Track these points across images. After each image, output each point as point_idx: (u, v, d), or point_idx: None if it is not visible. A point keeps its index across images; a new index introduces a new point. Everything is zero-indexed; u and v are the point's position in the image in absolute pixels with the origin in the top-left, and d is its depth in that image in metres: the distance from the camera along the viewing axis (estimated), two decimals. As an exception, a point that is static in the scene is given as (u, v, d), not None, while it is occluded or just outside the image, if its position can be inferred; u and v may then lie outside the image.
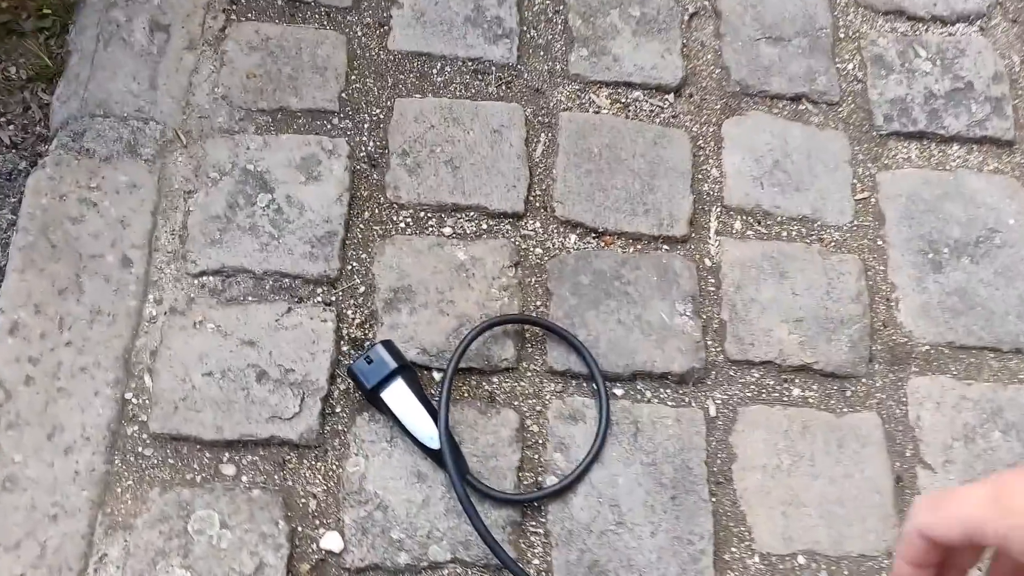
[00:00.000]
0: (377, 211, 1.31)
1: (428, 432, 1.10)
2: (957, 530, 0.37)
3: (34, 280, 1.15)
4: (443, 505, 1.12)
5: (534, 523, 1.14)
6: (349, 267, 1.26)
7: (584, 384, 1.24)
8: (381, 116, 1.38)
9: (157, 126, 1.29)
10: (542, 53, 1.49)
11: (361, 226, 1.29)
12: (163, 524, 1.05)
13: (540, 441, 1.20)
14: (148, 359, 1.16)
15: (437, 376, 1.20)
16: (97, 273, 1.17)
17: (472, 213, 1.32)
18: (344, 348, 1.20)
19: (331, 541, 1.09)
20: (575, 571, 1.12)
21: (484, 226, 1.32)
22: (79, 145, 1.26)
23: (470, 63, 1.45)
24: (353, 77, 1.41)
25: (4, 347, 1.11)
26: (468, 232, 1.31)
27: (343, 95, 1.38)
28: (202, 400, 1.12)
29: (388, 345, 1.13)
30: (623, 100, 1.47)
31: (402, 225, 1.30)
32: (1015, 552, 0.35)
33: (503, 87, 1.44)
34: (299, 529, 1.10)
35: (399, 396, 1.11)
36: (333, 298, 1.24)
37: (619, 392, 1.25)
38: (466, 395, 1.19)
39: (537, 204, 1.35)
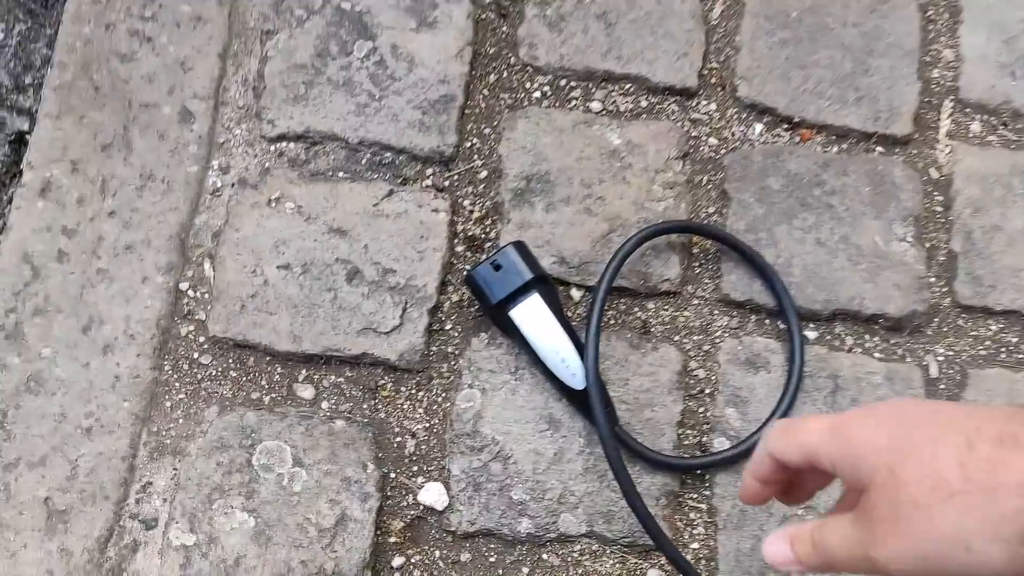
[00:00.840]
0: (506, 74, 1.09)
1: (569, 366, 0.90)
2: (798, 454, 0.48)
3: (72, 130, 0.97)
4: (581, 463, 0.93)
5: (695, 496, 0.95)
6: (469, 144, 1.05)
7: (768, 321, 1.02)
8: (516, -49, 1.14)
9: (231, -56, 1.08)
10: None
11: (485, 92, 1.07)
12: (222, 453, 0.88)
13: (708, 391, 0.99)
14: (210, 242, 0.97)
15: (576, 295, 0.99)
16: (150, 127, 0.98)
17: (629, 85, 1.09)
18: (458, 249, 1.00)
19: (433, 495, 0.91)
20: (747, 564, 0.92)
21: (644, 103, 1.09)
22: (133, -39, 1.06)
23: None
24: (482, -101, 1.17)
25: (33, 212, 0.94)
26: (623, 109, 1.08)
27: (468, -79, 1.15)
28: (276, 300, 0.93)
29: (521, 248, 0.92)
30: (833, -48, 1.20)
31: (537, 95, 1.08)
32: (842, 475, 0.46)
33: (675, -75, 1.18)
34: (392, 476, 0.92)
35: (533, 316, 0.90)
36: (447, 183, 1.03)
37: (811, 335, 1.02)
38: (613, 323, 0.99)
39: (714, 80, 1.11)
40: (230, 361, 0.95)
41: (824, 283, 1.04)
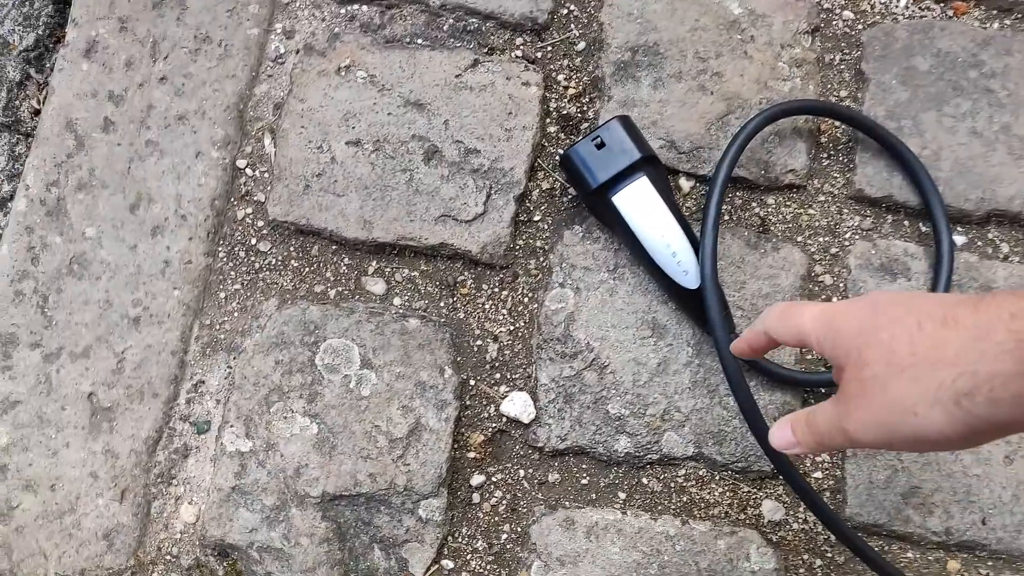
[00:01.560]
0: (610, -68, 0.90)
1: (681, 262, 0.73)
2: (792, 336, 0.54)
3: None
4: (689, 375, 0.77)
5: (821, 418, 0.77)
6: (565, 10, 0.87)
7: (908, 222, 0.83)
8: None
9: None
10: None
11: (585, -49, 0.89)
12: (282, 351, 0.74)
13: (835, 298, 0.82)
14: (271, 114, 0.82)
15: (686, 184, 0.82)
16: None
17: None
18: (550, 129, 0.83)
19: (517, 406, 0.76)
20: (880, 497, 0.76)
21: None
22: None
23: None
24: None
25: (77, 74, 0.80)
26: (745, -27, 0.89)
27: None
28: (344, 180, 0.78)
29: (627, 124, 0.76)
30: None
31: (646, -44, 0.89)
32: (827, 358, 0.51)
33: None
34: (472, 383, 0.77)
35: (639, 202, 0.74)
36: (539, 54, 0.86)
37: (960, 240, 0.84)
38: (727, 219, 0.81)
39: (852, -57, 0.91)
40: (292, 249, 0.81)
41: (978, 180, 0.85)
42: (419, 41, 0.86)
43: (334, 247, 0.82)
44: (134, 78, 0.82)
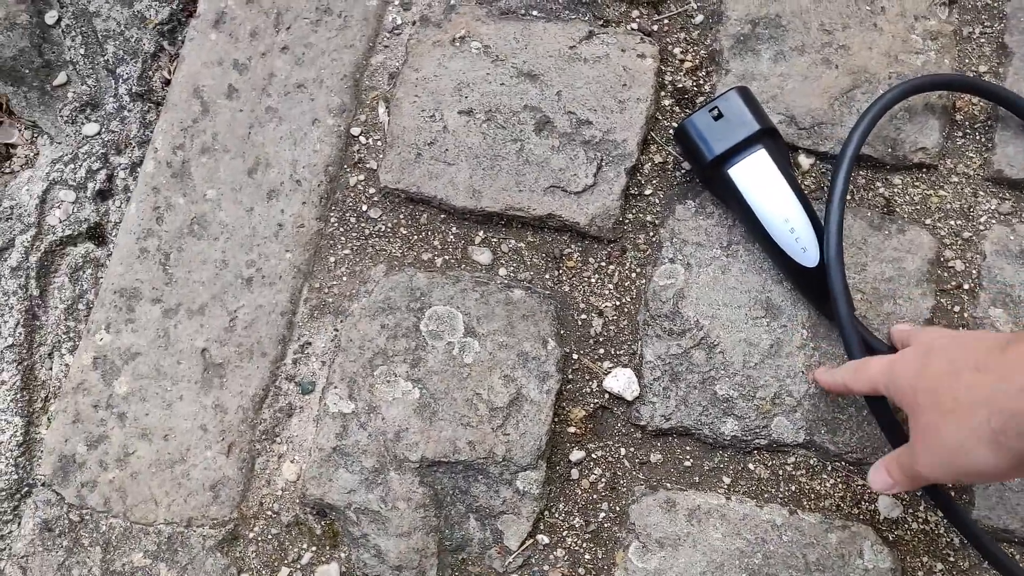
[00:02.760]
0: (733, -96, 0.83)
1: (800, 239, 0.66)
2: (866, 387, 0.59)
3: None
4: (803, 358, 0.69)
5: (948, 412, 0.68)
6: (684, -18, 0.80)
7: (1056, 205, 0.73)
8: None
9: None
10: None
11: (707, -76, 0.82)
12: (387, 316, 0.71)
13: (967, 286, 0.72)
14: (386, 83, 0.79)
15: (806, 162, 0.74)
16: None
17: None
18: (665, 102, 0.77)
19: (621, 382, 0.70)
20: (1014, 501, 0.66)
21: (904, -61, 0.80)
22: None
23: None
24: None
25: (206, 44, 0.78)
26: (877, -55, 0.80)
27: None
28: (456, 149, 0.74)
29: (745, 95, 0.68)
30: None
31: (770, -72, 0.81)
32: (894, 401, 0.55)
33: None
34: (575, 357, 0.72)
35: (758, 175, 0.66)
36: (655, 26, 0.79)
37: (1111, 228, 0.73)
38: (850, 199, 0.73)
39: (996, -88, 0.80)
40: (401, 216, 0.77)
41: None
42: (534, 13, 0.81)
43: (443, 216, 0.78)
44: (258, 47, 0.80)
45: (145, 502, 0.72)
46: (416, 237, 0.78)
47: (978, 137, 0.78)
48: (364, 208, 0.79)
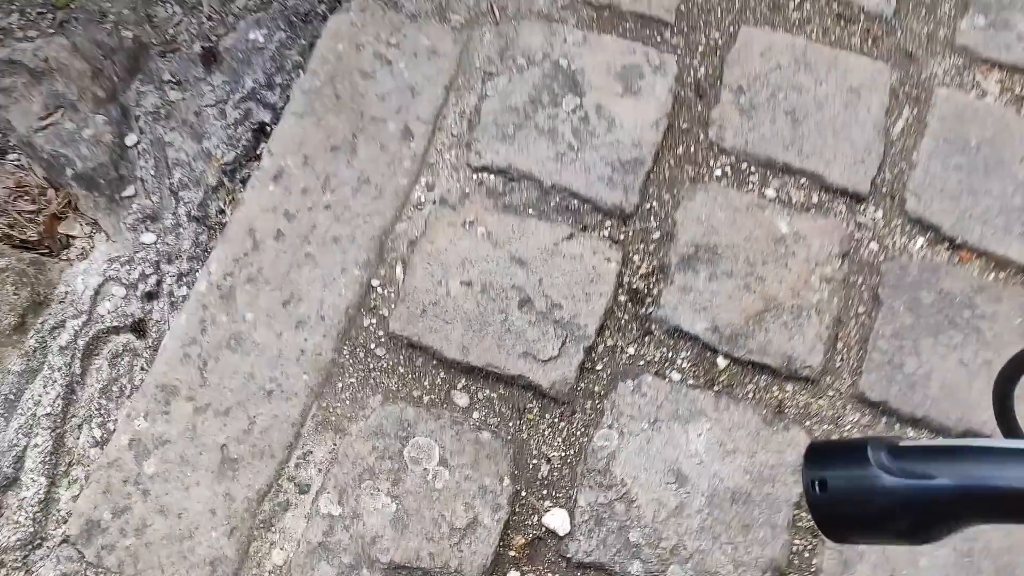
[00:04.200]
0: (693, 149, 1.02)
1: None
2: None
3: (310, 129, 0.96)
4: (699, 520, 0.85)
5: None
6: (648, 205, 0.99)
7: (905, 428, 0.91)
8: (720, 42, 1.08)
9: (472, -7, 1.06)
10: (925, 11, 1.14)
11: (671, 161, 1.01)
12: (379, 439, 0.84)
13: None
14: (405, 248, 0.94)
15: (722, 363, 0.92)
16: (375, 139, 0.96)
17: (804, 180, 1.01)
18: (621, 298, 0.94)
19: (556, 520, 0.84)
20: None
21: (815, 199, 1.01)
22: (387, -6, 1.05)
23: (836, 4, 1.12)
24: (697, -11, 1.11)
25: (264, 193, 0.93)
26: (795, 201, 1.00)
27: (681, 7, 1.10)
28: (454, 311, 0.89)
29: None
30: (1018, 89, 1.09)
31: (719, 173, 1.01)
32: None
33: (870, 42, 1.11)
34: (523, 494, 0.86)
35: None
36: (622, 236, 0.97)
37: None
38: (751, 396, 0.90)
39: (884, 190, 1.02)
40: (401, 358, 0.92)
41: (960, 402, 0.93)
42: (530, 211, 0.98)
43: (435, 362, 0.92)
44: (306, 203, 0.95)
45: (153, 569, 0.82)
46: (410, 376, 0.92)
47: (851, 363, 0.96)
48: (372, 346, 0.93)
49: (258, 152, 1.03)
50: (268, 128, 1.06)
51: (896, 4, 1.13)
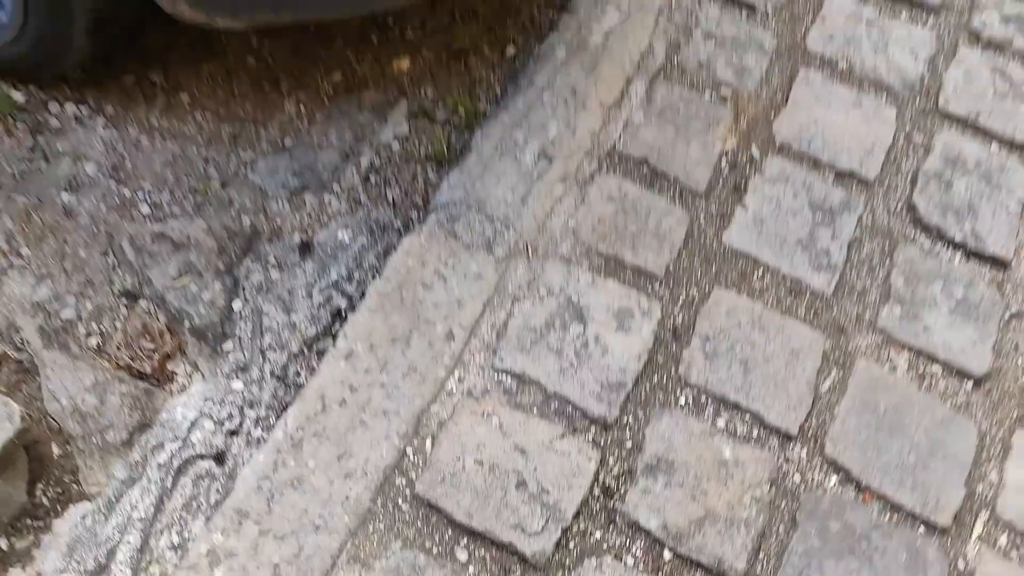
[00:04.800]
0: (665, 380, 1.33)
1: None
2: None
3: (378, 322, 1.27)
4: None
5: None
6: (625, 419, 1.28)
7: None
8: (697, 297, 1.42)
9: (514, 234, 1.41)
10: (856, 296, 1.48)
11: (647, 387, 1.32)
12: None
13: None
14: (435, 427, 1.23)
15: (667, 555, 1.18)
16: (425, 336, 1.27)
17: (748, 416, 1.32)
18: (595, 491, 1.21)
19: None
20: None
21: (755, 433, 1.30)
22: (450, 227, 1.39)
23: (790, 280, 1.47)
24: (684, 254, 1.46)
25: (337, 368, 1.23)
26: (739, 433, 1.30)
27: (670, 266, 1.44)
28: (466, 483, 1.17)
29: None
30: (922, 369, 1.42)
31: (682, 401, 1.32)
32: None
33: (812, 314, 1.44)
34: None
35: None
36: (602, 441, 1.26)
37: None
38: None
39: (810, 433, 1.32)
40: (420, 514, 1.18)
41: (852, 617, 1.18)
42: (534, 410, 1.28)
43: (445, 522, 1.18)
44: (366, 380, 1.24)
45: (204, 657, 1.05)
46: (425, 530, 1.18)
47: (768, 572, 1.22)
48: (400, 501, 1.20)
49: (333, 332, 1.33)
50: (343, 313, 1.38)
51: (835, 286, 1.48)
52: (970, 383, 1.40)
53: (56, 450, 1.20)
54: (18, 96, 1.52)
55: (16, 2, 1.26)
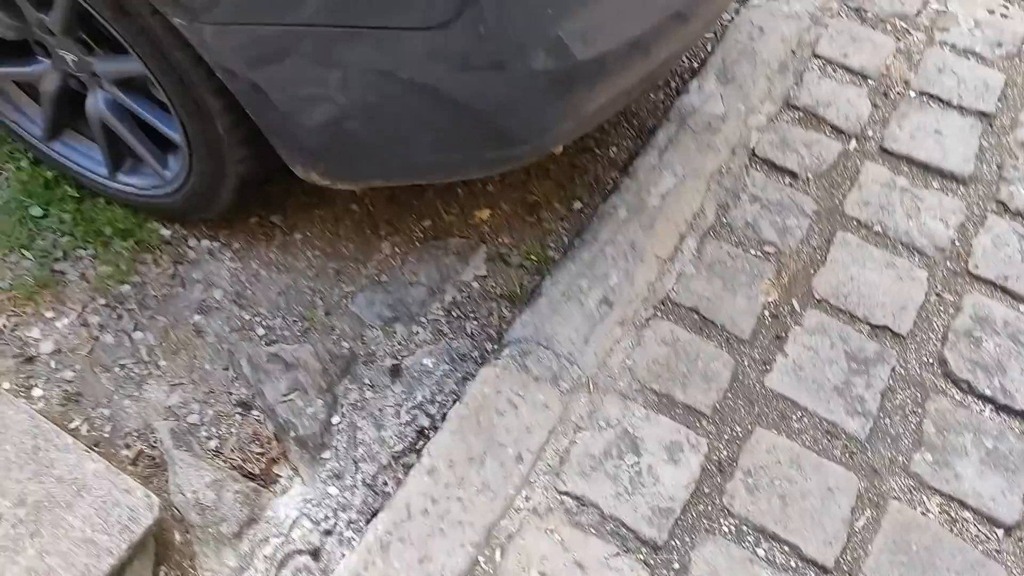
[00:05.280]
0: (710, 509, 1.48)
1: None
2: None
3: (457, 443, 1.47)
4: None
5: None
6: (673, 543, 1.43)
7: None
8: (740, 435, 1.58)
9: (577, 370, 1.61)
10: (889, 441, 1.62)
11: (693, 514, 1.47)
12: None
13: None
14: (504, 539, 1.40)
15: None
16: (498, 458, 1.46)
17: (786, 547, 1.45)
18: None
19: None
20: None
21: (792, 563, 1.43)
22: (522, 361, 1.61)
23: (826, 423, 1.62)
24: (729, 395, 1.64)
25: (421, 481, 1.42)
26: (778, 562, 1.43)
27: (717, 405, 1.61)
28: None
29: None
30: (953, 514, 1.53)
31: (725, 529, 1.46)
32: None
33: (847, 455, 1.58)
34: None
35: None
36: (651, 561, 1.41)
37: None
38: None
39: (844, 568, 1.44)
40: (487, 617, 1.33)
41: None
42: (592, 530, 1.44)
43: (509, 626, 1.33)
44: (444, 492, 1.43)
45: None
46: None
47: None
48: None
49: (418, 448, 1.53)
50: (425, 431, 1.58)
51: (869, 431, 1.62)
52: (1000, 531, 1.51)
53: (178, 537, 1.41)
54: (165, 232, 1.82)
55: (182, 165, 1.57)
